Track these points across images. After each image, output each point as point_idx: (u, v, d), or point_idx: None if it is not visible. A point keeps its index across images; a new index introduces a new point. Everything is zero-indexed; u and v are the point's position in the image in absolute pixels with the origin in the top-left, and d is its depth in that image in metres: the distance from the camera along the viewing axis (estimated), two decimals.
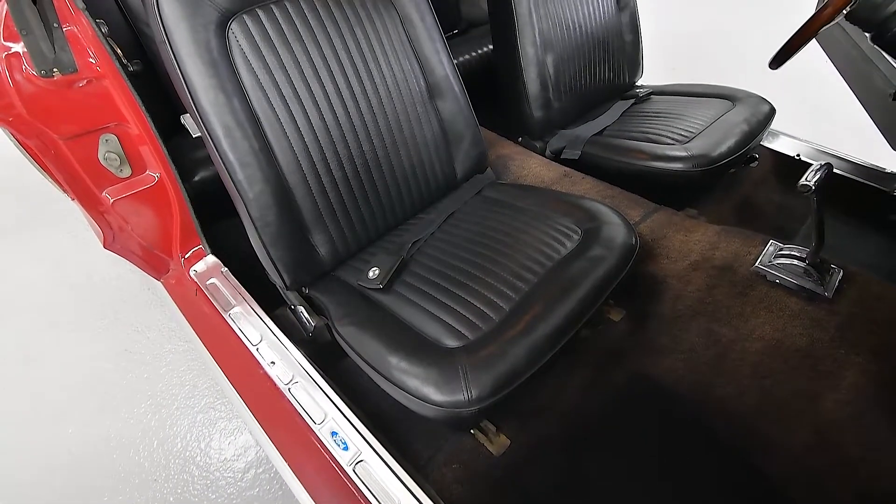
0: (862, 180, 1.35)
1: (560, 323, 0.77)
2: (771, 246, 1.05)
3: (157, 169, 1.06)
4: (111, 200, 1.05)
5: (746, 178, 1.52)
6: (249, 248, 0.93)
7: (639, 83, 1.66)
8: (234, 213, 0.89)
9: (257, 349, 0.94)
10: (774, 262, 1.01)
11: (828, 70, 1.58)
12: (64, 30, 0.87)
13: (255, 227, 0.85)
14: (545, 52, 1.36)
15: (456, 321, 0.80)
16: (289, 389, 0.85)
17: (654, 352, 0.94)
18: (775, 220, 1.48)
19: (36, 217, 2.19)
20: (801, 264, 0.98)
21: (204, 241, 1.15)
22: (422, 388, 0.71)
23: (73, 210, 1.19)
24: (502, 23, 1.33)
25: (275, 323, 0.98)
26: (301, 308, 0.93)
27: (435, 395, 0.70)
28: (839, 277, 0.98)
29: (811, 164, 0.87)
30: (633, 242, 0.91)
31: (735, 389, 0.86)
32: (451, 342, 0.77)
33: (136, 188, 1.07)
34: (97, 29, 0.89)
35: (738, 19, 3.82)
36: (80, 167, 1.00)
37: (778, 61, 1.01)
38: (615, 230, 0.92)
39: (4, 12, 0.84)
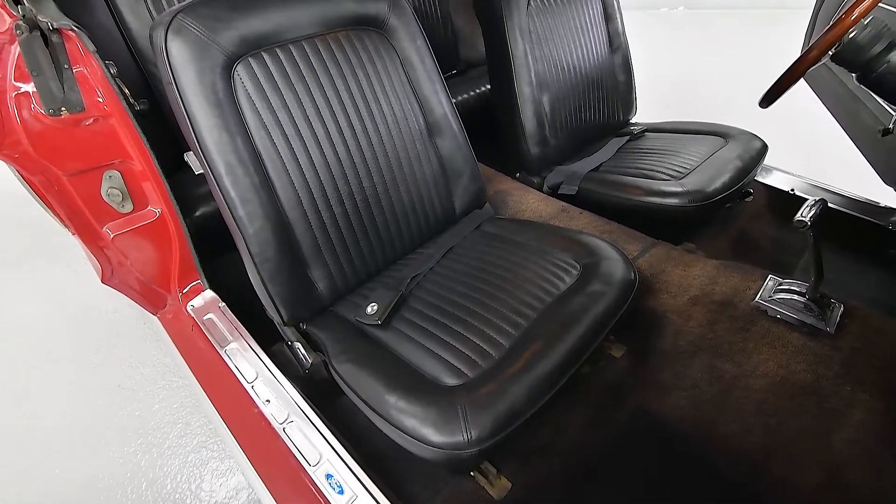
0: (857, 214, 1.36)
1: (561, 360, 0.76)
2: (770, 280, 1.05)
3: (158, 204, 1.07)
4: (111, 235, 1.06)
5: (742, 213, 1.54)
6: (248, 283, 0.92)
7: (633, 120, 1.70)
8: (234, 247, 0.90)
9: (252, 387, 0.92)
10: (774, 297, 1.00)
11: (816, 107, 1.63)
12: (74, 71, 0.90)
13: (254, 263, 0.85)
14: (541, 91, 1.40)
15: (455, 358, 0.79)
16: (283, 429, 0.83)
17: (657, 388, 0.92)
18: (773, 254, 1.48)
19: (36, 250, 2.20)
20: (802, 299, 0.98)
21: (202, 275, 1.15)
22: (420, 429, 0.69)
23: (72, 243, 1.20)
24: (499, 64, 1.38)
25: (271, 359, 0.97)
26: (298, 344, 0.92)
27: (434, 435, 0.68)
28: (840, 312, 0.97)
29: (805, 199, 0.88)
30: (632, 277, 0.91)
31: (740, 427, 0.84)
32: (451, 380, 0.76)
33: (137, 223, 1.07)
34: (106, 70, 0.91)
35: (727, 62, 3.96)
36: (82, 203, 1.01)
37: (768, 100, 1.04)
38: (614, 265, 0.92)
39: (17, 55, 0.87)
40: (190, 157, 1.30)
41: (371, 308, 0.89)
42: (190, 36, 0.77)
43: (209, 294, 1.15)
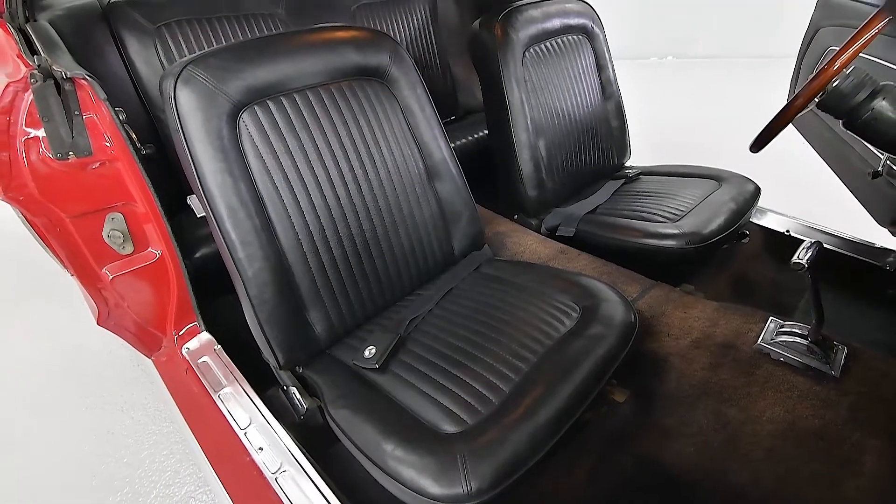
0: (854, 255, 1.37)
1: (562, 406, 0.74)
2: (771, 323, 1.04)
3: (159, 246, 1.07)
4: (110, 277, 1.05)
5: (739, 254, 1.55)
6: (245, 325, 0.92)
7: (628, 164, 1.74)
8: (232, 289, 0.89)
9: (245, 434, 0.89)
10: (777, 340, 0.99)
11: (805, 150, 1.67)
12: (84, 117, 0.93)
13: (252, 305, 0.85)
14: (537, 137, 1.44)
15: (454, 404, 0.77)
16: (276, 479, 0.80)
17: (662, 435, 0.89)
18: (772, 295, 1.48)
19: (33, 290, 2.19)
20: (804, 342, 0.97)
21: (199, 317, 1.14)
22: (418, 480, 0.66)
23: (70, 284, 1.19)
24: (496, 111, 1.42)
25: (266, 405, 0.95)
26: (293, 389, 0.90)
27: (432, 487, 0.65)
28: (844, 355, 0.96)
29: (801, 240, 0.89)
30: (633, 320, 0.91)
31: (750, 476, 0.81)
32: (450, 427, 0.74)
33: (137, 265, 1.07)
34: (115, 116, 0.94)
35: (716, 109, 4.11)
36: (83, 244, 1.02)
37: (758, 145, 1.07)
38: (613, 307, 0.91)
39: (30, 101, 0.90)
40: (192, 200, 1.32)
41: (369, 351, 0.87)
42: (198, 85, 0.80)
43: (205, 336, 1.14)
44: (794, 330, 0.99)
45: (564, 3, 1.54)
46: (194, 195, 0.89)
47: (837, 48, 1.31)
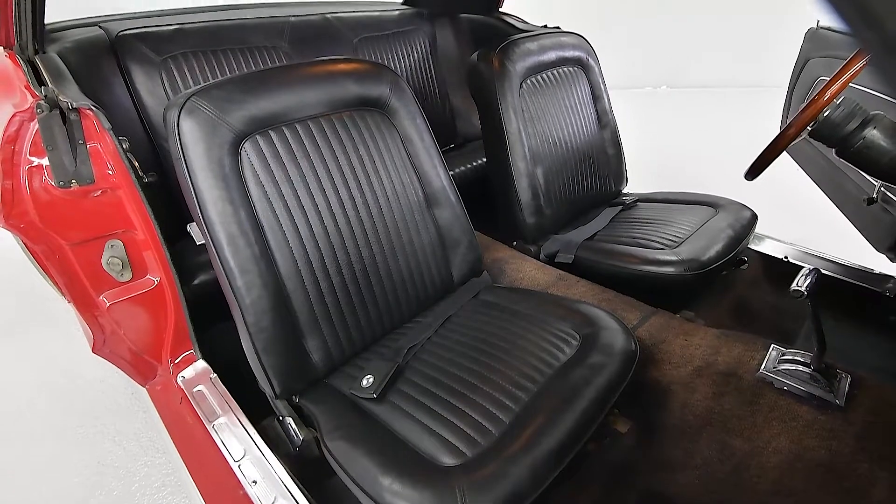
0: (853, 281, 1.37)
1: (564, 436, 0.73)
2: (773, 350, 1.03)
3: (157, 273, 1.07)
4: (107, 304, 1.05)
5: (738, 281, 1.55)
6: (241, 353, 0.91)
7: (625, 191, 1.76)
8: (230, 316, 0.89)
9: (239, 466, 0.87)
10: (779, 368, 0.98)
11: (801, 177, 1.69)
12: (88, 146, 0.94)
13: (249, 333, 0.84)
14: (535, 165, 1.46)
15: (453, 435, 0.75)
16: None
17: (667, 467, 0.87)
18: (772, 321, 1.47)
19: (30, 316, 2.17)
20: (807, 370, 0.96)
21: (196, 345, 1.13)
22: None
23: (67, 310, 1.19)
24: (494, 139, 1.45)
25: (261, 435, 0.93)
26: (289, 420, 0.88)
27: None
28: (848, 383, 0.95)
29: (799, 266, 0.89)
30: (633, 348, 0.90)
31: None
32: (448, 460, 0.72)
33: (134, 292, 1.07)
34: (118, 145, 0.96)
35: (710, 136, 4.18)
36: (81, 271, 1.01)
37: (753, 173, 1.08)
38: (614, 335, 0.91)
39: (35, 131, 0.91)
40: (192, 228, 1.33)
41: (366, 380, 0.86)
42: (201, 116, 0.82)
43: (201, 365, 1.13)
44: (796, 358, 0.98)
45: (560, 36, 1.59)
46: (194, 223, 0.90)
47: (827, 78, 1.34)
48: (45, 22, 1.14)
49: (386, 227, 1.01)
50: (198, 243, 1.28)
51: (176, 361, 1.13)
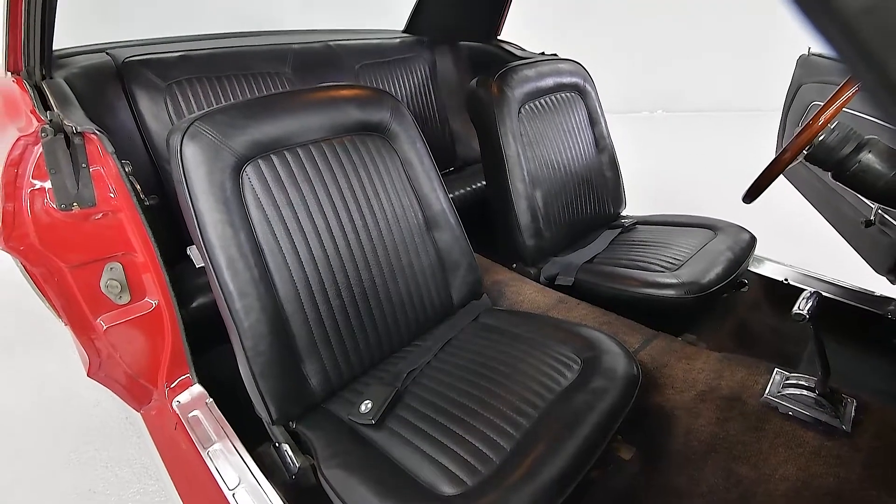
0: (854, 304, 1.37)
1: (567, 464, 0.71)
2: (777, 374, 1.02)
3: (156, 296, 1.07)
4: (104, 327, 1.04)
5: (739, 303, 1.54)
6: (238, 377, 0.89)
7: (623, 213, 1.76)
8: (228, 339, 0.88)
9: (234, 494, 0.85)
10: (784, 393, 0.97)
11: (798, 199, 1.70)
12: (91, 170, 0.95)
13: (247, 357, 0.83)
14: (533, 188, 1.47)
15: (453, 463, 0.73)
16: None
17: (672, 494, 0.85)
18: (775, 344, 1.46)
19: (27, 338, 2.15)
20: (812, 395, 0.94)
21: (192, 369, 1.11)
22: None
23: (63, 333, 1.17)
24: (493, 163, 1.46)
25: (256, 462, 0.91)
26: (286, 446, 0.86)
27: None
28: (853, 408, 0.93)
29: (799, 288, 0.88)
30: (635, 372, 0.89)
31: None
32: (448, 489, 0.70)
33: (132, 315, 1.06)
34: (121, 169, 0.96)
35: (707, 159, 4.24)
36: (79, 294, 1.01)
37: (750, 196, 1.09)
38: (615, 359, 0.90)
39: (39, 154, 0.92)
40: (192, 251, 1.33)
41: (365, 406, 0.85)
42: (204, 140, 0.83)
43: (197, 389, 1.11)
44: (800, 382, 0.97)
45: (557, 63, 1.62)
46: (194, 246, 0.90)
47: (820, 103, 1.36)
48: (54, 48, 1.16)
49: (386, 250, 1.01)
50: (197, 266, 1.28)
51: (172, 386, 1.12)
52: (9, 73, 1.15)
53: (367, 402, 0.86)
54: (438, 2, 2.04)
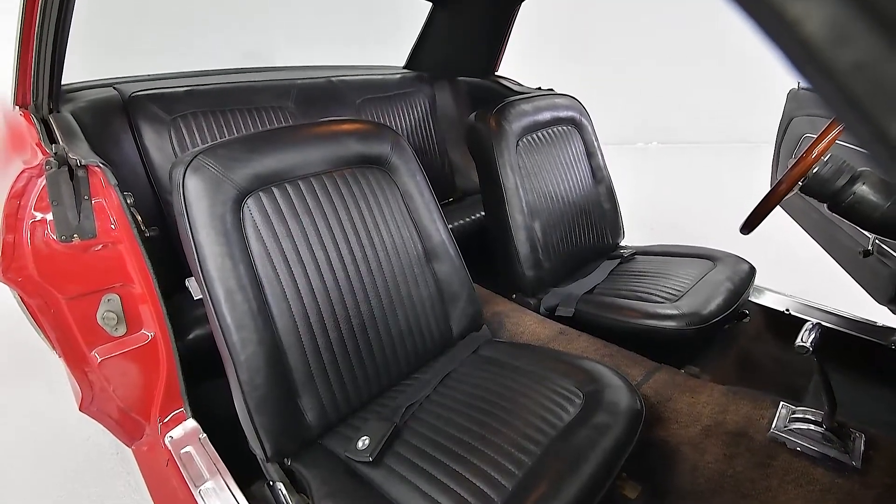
0: (857, 335, 1.36)
1: None
2: (783, 408, 1.00)
3: (152, 327, 1.06)
4: (99, 360, 1.02)
5: (741, 334, 1.53)
6: (233, 410, 0.87)
7: (622, 244, 1.77)
8: (224, 373, 0.87)
9: None
10: (791, 428, 0.95)
11: (794, 229, 1.71)
12: (93, 202, 0.95)
13: (242, 391, 0.82)
14: (532, 219, 1.48)
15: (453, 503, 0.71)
16: None
17: None
18: (779, 376, 1.44)
19: (20, 369, 2.11)
20: (819, 429, 0.92)
21: (186, 403, 1.09)
22: None
23: (56, 365, 1.16)
24: (492, 194, 1.48)
25: (249, 501, 0.88)
26: (280, 485, 0.83)
27: None
28: (863, 442, 0.91)
29: (801, 319, 0.88)
30: (639, 406, 0.87)
31: None
32: None
33: (127, 347, 1.05)
34: (123, 201, 0.97)
35: (702, 190, 4.29)
36: (75, 325, 1.00)
37: (748, 227, 1.10)
38: (618, 393, 0.88)
39: (42, 187, 0.93)
40: (191, 283, 1.32)
41: (362, 442, 0.83)
42: (206, 173, 0.83)
43: (190, 424, 1.08)
44: (807, 416, 0.95)
45: (553, 97, 1.66)
46: (192, 278, 0.89)
47: (812, 135, 1.38)
48: (63, 83, 1.19)
49: (385, 282, 1.00)
50: (195, 298, 1.27)
51: (165, 420, 1.09)
52: (17, 107, 1.17)
53: (365, 438, 0.83)
54: (438, 39, 2.11)
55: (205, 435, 1.05)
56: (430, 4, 2.02)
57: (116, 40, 3.52)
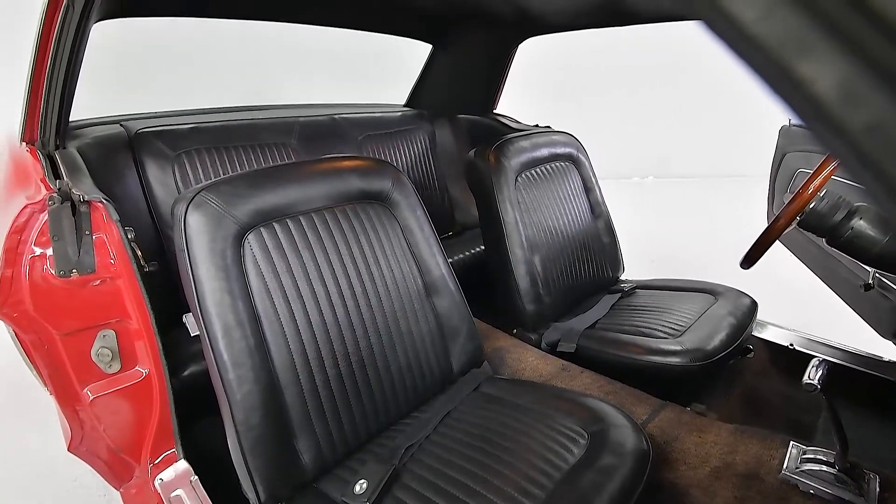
0: (864, 370, 1.33)
1: None
2: (793, 448, 0.97)
3: (147, 364, 1.04)
4: (91, 397, 1.00)
5: (746, 370, 1.51)
6: (226, 451, 0.85)
7: (622, 277, 1.77)
8: (218, 411, 0.84)
9: None
10: (802, 469, 0.92)
11: (792, 262, 1.71)
12: (94, 237, 0.95)
13: (237, 431, 0.79)
14: (532, 253, 1.48)
15: None
16: None
17: None
18: (786, 413, 1.41)
19: (10, 408, 2.06)
20: (832, 470, 0.89)
21: (178, 444, 1.06)
22: None
23: (47, 403, 1.12)
24: (492, 229, 1.48)
25: None
26: None
27: None
28: (877, 483, 0.88)
29: (805, 354, 0.87)
30: (645, 447, 0.84)
31: None
32: None
33: (121, 384, 1.02)
34: (124, 236, 0.97)
35: (699, 222, 4.33)
36: (68, 362, 0.98)
37: (748, 262, 1.10)
38: (623, 433, 0.86)
39: (43, 222, 0.93)
40: (188, 319, 1.31)
41: (360, 486, 0.80)
42: (208, 209, 0.84)
43: (182, 465, 1.05)
44: (818, 457, 0.92)
45: (551, 135, 1.70)
46: (190, 314, 0.88)
47: (806, 170, 1.40)
48: (70, 119, 1.21)
49: (385, 317, 0.99)
50: (192, 335, 1.25)
51: (156, 462, 1.05)
52: (24, 144, 1.19)
53: (363, 481, 0.80)
54: (438, 79, 2.17)
55: (196, 477, 1.02)
56: (431, 46, 2.09)
57: (125, 79, 3.62)
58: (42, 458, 1.75)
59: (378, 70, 4.27)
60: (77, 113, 1.21)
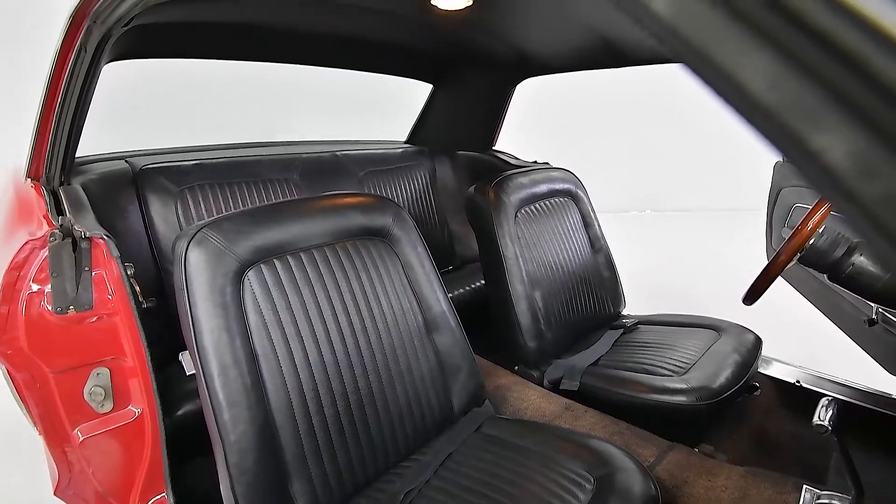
0: (875, 408, 1.30)
1: None
2: (807, 492, 0.93)
3: (140, 403, 1.01)
4: (81, 438, 0.97)
5: (753, 408, 1.47)
6: (218, 495, 0.81)
7: (624, 312, 1.75)
8: (211, 452, 0.82)
9: None
10: None
11: (793, 295, 1.70)
12: (93, 274, 0.95)
13: (230, 475, 0.77)
14: (533, 288, 1.47)
15: None
16: None
17: None
18: (796, 454, 1.37)
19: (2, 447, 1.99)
20: None
21: (169, 487, 1.02)
22: None
23: (34, 444, 1.09)
24: (492, 264, 1.48)
25: None
26: None
27: None
28: None
29: (812, 391, 0.85)
30: (653, 492, 0.81)
31: None
32: None
33: (112, 425, 1.00)
34: (123, 272, 0.96)
35: (697, 256, 4.35)
36: (60, 401, 0.95)
37: (750, 298, 1.09)
38: (631, 478, 0.83)
39: (43, 258, 0.93)
40: (184, 357, 1.29)
41: None
42: (210, 246, 0.84)
43: None
44: (833, 502, 0.89)
45: (549, 171, 1.72)
46: (186, 352, 0.87)
47: (802, 205, 1.41)
48: (77, 155, 1.23)
49: (384, 355, 0.98)
50: (187, 373, 1.23)
51: None
52: (29, 179, 1.20)
53: None
54: (438, 116, 2.22)
55: None
56: (431, 86, 2.16)
57: (132, 116, 3.71)
58: (28, 499, 1.68)
59: (380, 108, 4.37)
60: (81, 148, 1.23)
